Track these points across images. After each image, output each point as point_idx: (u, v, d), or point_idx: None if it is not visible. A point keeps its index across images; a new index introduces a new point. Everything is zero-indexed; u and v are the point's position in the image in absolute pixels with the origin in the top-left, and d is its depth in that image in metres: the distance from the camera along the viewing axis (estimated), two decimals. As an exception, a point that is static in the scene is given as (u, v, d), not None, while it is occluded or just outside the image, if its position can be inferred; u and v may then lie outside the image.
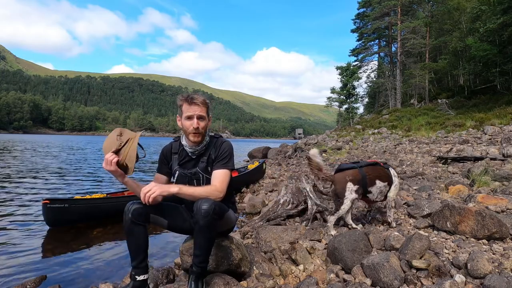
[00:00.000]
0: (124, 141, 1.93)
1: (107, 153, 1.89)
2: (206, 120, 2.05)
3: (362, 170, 2.90)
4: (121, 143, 1.92)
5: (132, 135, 1.96)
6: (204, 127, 2.03)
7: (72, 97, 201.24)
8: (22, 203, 5.76)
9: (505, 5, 16.52)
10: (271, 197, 5.59)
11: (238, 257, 2.18)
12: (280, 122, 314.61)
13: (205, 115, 2.02)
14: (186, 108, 2.00)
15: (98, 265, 3.16)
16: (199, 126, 1.99)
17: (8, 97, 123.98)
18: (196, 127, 1.98)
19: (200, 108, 1.99)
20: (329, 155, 11.25)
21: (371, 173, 2.89)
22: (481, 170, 4.68)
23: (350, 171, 2.90)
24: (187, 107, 1.99)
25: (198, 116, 1.99)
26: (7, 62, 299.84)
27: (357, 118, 34.59)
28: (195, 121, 1.98)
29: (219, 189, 1.93)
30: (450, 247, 2.28)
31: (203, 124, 2.01)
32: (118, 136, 1.94)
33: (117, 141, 1.92)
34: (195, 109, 1.98)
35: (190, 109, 1.99)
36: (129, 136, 1.95)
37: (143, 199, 1.77)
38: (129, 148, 1.93)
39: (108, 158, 1.86)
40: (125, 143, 1.93)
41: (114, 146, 1.91)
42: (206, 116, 2.04)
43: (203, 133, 2.04)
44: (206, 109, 2.04)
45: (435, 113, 20.60)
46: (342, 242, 2.31)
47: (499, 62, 17.95)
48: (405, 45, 29.21)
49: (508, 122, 12.46)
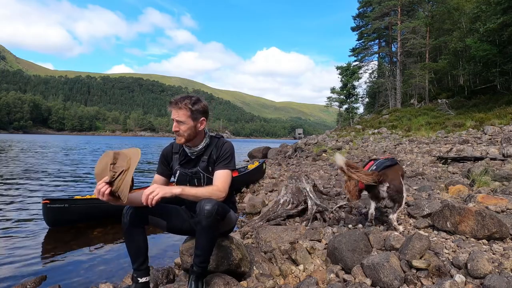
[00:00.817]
0: (119, 171, 1.70)
1: (99, 180, 1.70)
2: (187, 125, 1.99)
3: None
4: (114, 173, 1.69)
5: (128, 164, 1.72)
6: (186, 130, 1.99)
7: (72, 97, 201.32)
8: (22, 203, 5.76)
9: (505, 5, 16.52)
10: (271, 197, 5.59)
11: (238, 257, 2.18)
12: (280, 122, 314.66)
13: (184, 119, 1.98)
14: (170, 111, 2.03)
15: (98, 265, 3.17)
16: (179, 130, 1.99)
17: (8, 97, 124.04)
18: (175, 130, 2.00)
19: (177, 112, 1.98)
20: (329, 155, 11.25)
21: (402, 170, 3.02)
22: (481, 170, 4.68)
23: (398, 166, 2.96)
24: (170, 110, 2.03)
25: (177, 120, 1.99)
26: (7, 62, 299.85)
27: (357, 118, 34.59)
28: (174, 124, 2.00)
29: (221, 189, 1.93)
30: (450, 247, 2.28)
31: (183, 127, 1.99)
32: (112, 165, 1.70)
33: (110, 172, 1.69)
34: (174, 112, 1.99)
35: (172, 112, 2.01)
36: (124, 165, 1.72)
37: (144, 201, 1.70)
38: (124, 178, 1.70)
39: (100, 189, 1.67)
40: (120, 173, 1.70)
41: (106, 174, 1.69)
42: (188, 120, 1.99)
43: (185, 136, 2.01)
44: (187, 113, 1.98)
45: (435, 113, 20.60)
46: (342, 242, 2.31)
47: (499, 62, 17.94)
48: (405, 45, 29.21)
49: (508, 122, 12.45)
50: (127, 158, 1.74)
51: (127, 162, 1.73)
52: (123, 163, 1.72)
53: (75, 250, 3.58)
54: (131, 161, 1.74)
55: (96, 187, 1.69)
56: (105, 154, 1.77)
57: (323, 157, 11.19)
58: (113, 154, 1.74)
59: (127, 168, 1.71)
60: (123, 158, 1.74)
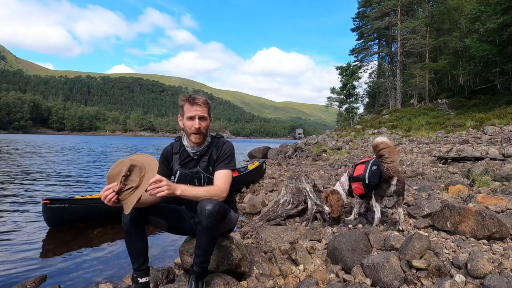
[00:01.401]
0: (129, 186, 1.66)
1: (109, 184, 1.68)
2: (208, 121, 2.05)
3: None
4: (124, 186, 1.67)
5: (140, 181, 1.67)
6: (205, 128, 2.03)
7: (72, 97, 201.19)
8: (22, 203, 5.76)
9: (505, 5, 16.51)
10: (271, 197, 5.59)
11: (238, 257, 2.18)
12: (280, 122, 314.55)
13: (206, 115, 2.03)
14: (187, 108, 2.00)
15: (98, 265, 3.17)
16: (201, 127, 2.00)
17: (8, 97, 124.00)
18: (198, 127, 1.99)
19: (201, 108, 2.00)
20: (329, 155, 11.24)
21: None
22: (481, 170, 4.67)
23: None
24: (189, 108, 2.00)
25: (200, 117, 1.99)
26: (7, 62, 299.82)
27: (357, 118, 34.57)
28: (196, 122, 1.98)
29: (222, 189, 1.94)
30: (450, 247, 2.28)
31: (204, 124, 2.02)
32: (124, 177, 1.66)
33: (120, 183, 1.66)
34: (197, 109, 1.99)
35: (191, 109, 1.99)
36: (136, 180, 1.67)
37: (150, 188, 1.66)
38: (132, 194, 1.67)
39: (107, 196, 1.66)
40: (130, 188, 1.67)
41: (117, 183, 1.66)
42: (208, 116, 2.05)
43: (204, 133, 2.05)
44: (207, 110, 2.04)
45: (435, 113, 20.58)
46: (342, 242, 2.31)
47: (499, 62, 17.93)
48: (405, 45, 29.20)
49: (508, 122, 12.44)
50: (141, 174, 1.70)
51: (140, 178, 1.69)
52: (135, 178, 1.68)
53: (75, 250, 3.59)
54: (144, 178, 1.69)
55: (104, 190, 1.68)
56: (121, 161, 1.72)
57: (323, 157, 11.19)
58: (128, 165, 1.68)
59: (138, 185, 1.68)
60: (136, 173, 1.69)
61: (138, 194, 1.66)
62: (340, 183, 3.30)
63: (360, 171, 2.96)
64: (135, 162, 1.72)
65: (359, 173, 2.96)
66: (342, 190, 3.23)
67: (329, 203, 3.19)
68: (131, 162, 1.70)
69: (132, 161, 1.71)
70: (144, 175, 1.70)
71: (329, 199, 3.20)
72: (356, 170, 3.03)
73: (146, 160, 1.76)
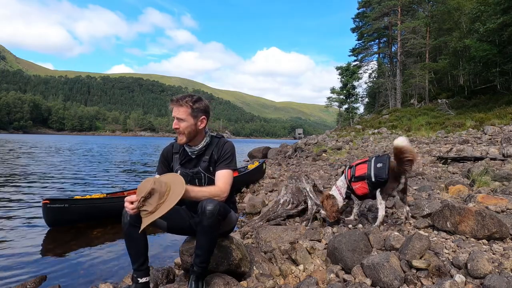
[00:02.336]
0: (145, 208, 1.70)
1: (135, 196, 1.75)
2: (188, 122, 2.01)
3: None
4: (141, 206, 1.71)
5: (156, 208, 1.69)
6: (185, 128, 2.01)
7: (72, 97, 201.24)
8: (22, 203, 5.76)
9: (504, 5, 16.52)
10: (271, 197, 5.59)
11: (238, 257, 2.18)
12: (280, 122, 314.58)
13: (184, 117, 2.00)
14: (171, 109, 2.05)
15: (98, 265, 3.17)
16: (179, 127, 2.01)
17: (8, 97, 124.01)
18: (175, 127, 2.02)
19: (178, 110, 2.01)
20: (329, 155, 11.24)
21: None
22: (481, 170, 4.67)
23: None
24: (171, 108, 2.04)
25: (177, 118, 2.01)
26: (7, 62, 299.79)
27: (357, 118, 34.59)
28: (174, 122, 2.02)
29: (222, 190, 1.94)
30: (450, 247, 2.28)
31: (183, 125, 2.01)
32: (143, 198, 1.69)
33: (139, 203, 1.70)
34: (174, 110, 2.02)
35: (173, 110, 2.03)
36: (153, 205, 1.69)
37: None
38: (146, 217, 1.71)
39: (127, 206, 1.77)
40: (145, 211, 1.71)
41: (138, 199, 1.71)
42: (189, 117, 2.01)
43: (186, 133, 2.03)
44: (188, 110, 2.01)
45: (435, 113, 20.59)
46: (342, 242, 2.31)
47: (499, 62, 17.93)
48: (405, 45, 29.21)
49: (508, 122, 12.44)
50: (159, 201, 1.70)
51: (157, 205, 1.70)
52: (153, 203, 1.70)
53: (75, 250, 3.59)
54: (162, 205, 1.70)
55: (126, 200, 1.77)
56: (149, 179, 1.75)
57: (323, 157, 11.18)
58: (150, 187, 1.69)
59: (153, 211, 1.70)
60: (155, 198, 1.70)
61: (151, 219, 1.69)
62: (336, 187, 3.22)
63: (363, 170, 2.91)
64: (158, 186, 1.71)
65: (363, 172, 2.90)
66: (339, 194, 3.16)
67: (325, 208, 3.17)
68: (153, 186, 1.69)
69: (155, 184, 1.71)
70: (163, 202, 1.71)
71: (324, 204, 3.18)
72: (358, 170, 2.98)
73: (171, 186, 1.75)
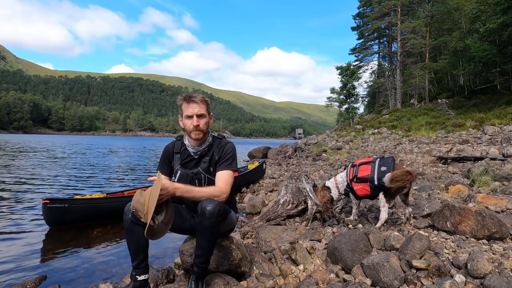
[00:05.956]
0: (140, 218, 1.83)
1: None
2: (207, 118, 2.05)
3: None
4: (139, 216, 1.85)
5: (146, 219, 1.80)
6: (204, 125, 2.03)
7: (72, 97, 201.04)
8: (22, 203, 5.76)
9: (504, 5, 16.51)
10: (271, 197, 5.59)
11: (238, 257, 2.18)
12: (280, 122, 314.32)
13: (204, 112, 2.03)
14: (185, 107, 2.01)
15: (98, 265, 3.17)
16: (199, 124, 2.00)
17: (8, 97, 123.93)
18: (196, 124, 1.99)
19: (198, 106, 2.00)
20: (329, 155, 11.24)
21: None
22: (481, 170, 4.67)
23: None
24: (186, 106, 2.01)
25: (198, 115, 2.00)
26: (7, 62, 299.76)
27: (357, 118, 34.56)
28: (194, 119, 1.99)
29: (223, 190, 1.94)
30: (450, 247, 2.28)
31: (203, 121, 2.02)
32: (134, 210, 1.85)
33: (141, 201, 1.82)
34: (194, 107, 2.00)
35: (189, 107, 2.00)
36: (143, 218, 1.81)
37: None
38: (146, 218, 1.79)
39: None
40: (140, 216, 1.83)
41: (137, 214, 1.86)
42: (206, 113, 2.05)
43: (204, 130, 2.04)
44: (205, 107, 2.04)
45: (435, 113, 20.58)
46: (342, 242, 2.31)
47: (499, 62, 17.92)
48: (405, 45, 29.18)
49: (508, 122, 12.44)
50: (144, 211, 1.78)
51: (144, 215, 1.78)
52: (141, 215, 1.80)
53: (75, 250, 3.59)
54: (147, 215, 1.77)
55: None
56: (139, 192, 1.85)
57: (323, 157, 11.18)
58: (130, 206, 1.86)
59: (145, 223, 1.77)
60: (141, 211, 1.80)
61: (147, 228, 1.74)
62: (334, 180, 3.20)
63: (366, 171, 2.84)
64: (137, 204, 1.81)
65: (366, 174, 2.83)
66: (336, 188, 3.15)
67: (317, 197, 3.32)
68: (134, 204, 1.82)
69: (136, 202, 1.81)
70: (147, 211, 1.76)
71: (318, 194, 3.32)
72: (361, 170, 2.90)
73: (151, 188, 1.80)
